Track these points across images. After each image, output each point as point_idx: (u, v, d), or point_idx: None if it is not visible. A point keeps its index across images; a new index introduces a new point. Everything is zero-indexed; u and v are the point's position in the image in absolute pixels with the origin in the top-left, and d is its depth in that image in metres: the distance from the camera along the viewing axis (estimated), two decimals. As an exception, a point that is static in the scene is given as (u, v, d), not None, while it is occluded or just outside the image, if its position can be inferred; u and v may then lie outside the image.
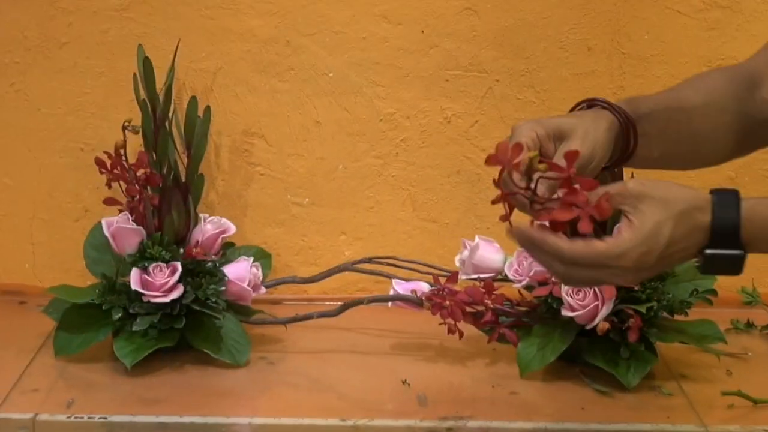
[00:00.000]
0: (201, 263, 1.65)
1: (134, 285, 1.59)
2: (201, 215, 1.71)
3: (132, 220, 1.65)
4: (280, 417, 1.49)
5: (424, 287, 1.67)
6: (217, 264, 1.66)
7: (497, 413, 1.51)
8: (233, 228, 1.71)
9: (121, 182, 1.65)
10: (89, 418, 1.47)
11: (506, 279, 1.66)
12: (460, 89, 1.82)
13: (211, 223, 1.70)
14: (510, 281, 1.65)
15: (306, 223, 1.86)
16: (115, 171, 1.64)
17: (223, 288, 1.64)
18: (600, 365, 1.57)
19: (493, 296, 1.58)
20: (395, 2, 1.79)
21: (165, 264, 1.62)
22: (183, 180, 1.70)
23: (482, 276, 1.65)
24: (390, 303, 1.68)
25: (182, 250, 1.65)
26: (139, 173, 1.65)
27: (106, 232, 1.65)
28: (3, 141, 1.83)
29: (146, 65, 1.66)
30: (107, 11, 1.78)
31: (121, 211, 1.66)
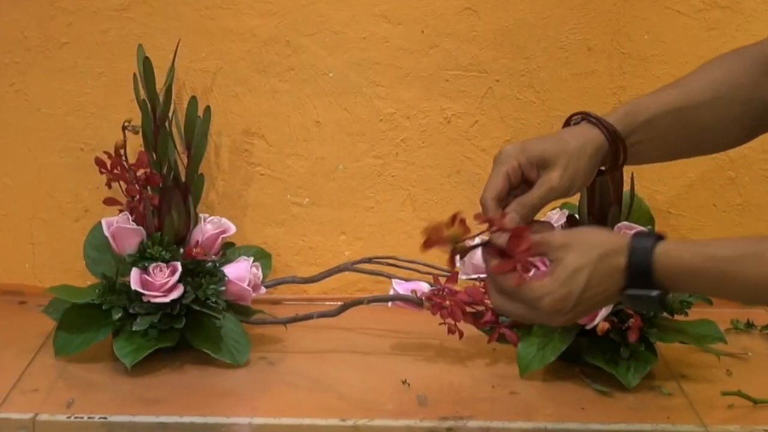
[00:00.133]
0: (201, 263, 1.65)
1: (134, 285, 1.59)
2: (201, 215, 1.71)
3: (132, 220, 1.65)
4: (280, 417, 1.49)
5: (424, 287, 1.67)
6: (217, 264, 1.66)
7: (497, 413, 1.51)
8: (233, 228, 1.71)
9: (121, 182, 1.65)
10: (89, 418, 1.47)
11: (506, 279, 1.66)
12: (460, 89, 1.82)
13: (211, 223, 1.70)
14: (510, 281, 1.65)
15: (306, 223, 1.86)
16: (115, 171, 1.64)
17: (223, 288, 1.64)
18: (600, 365, 1.57)
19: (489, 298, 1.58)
20: (395, 2, 1.79)
21: (165, 264, 1.62)
22: (183, 180, 1.70)
23: (482, 276, 1.65)
24: (390, 303, 1.68)
25: (182, 250, 1.65)
26: (139, 173, 1.65)
27: (106, 232, 1.64)
28: (3, 141, 1.83)
29: (146, 65, 1.66)
30: (107, 11, 1.78)
31: (121, 211, 1.66)
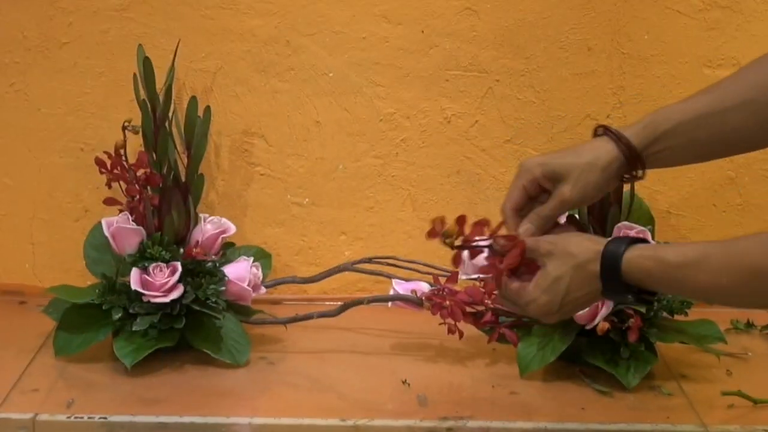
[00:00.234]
0: (201, 263, 1.65)
1: (134, 285, 1.59)
2: (201, 215, 1.71)
3: (132, 220, 1.65)
4: (280, 417, 1.49)
5: (424, 287, 1.67)
6: (217, 264, 1.66)
7: (497, 413, 1.51)
8: (233, 228, 1.71)
9: (121, 182, 1.65)
10: (89, 418, 1.47)
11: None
12: (460, 89, 1.82)
13: (211, 223, 1.70)
14: (510, 281, 1.65)
15: (306, 223, 1.86)
16: (115, 171, 1.64)
17: (223, 288, 1.64)
18: (600, 365, 1.57)
19: (493, 296, 1.58)
20: (395, 2, 1.79)
21: (165, 264, 1.62)
22: (183, 180, 1.70)
23: (482, 276, 1.65)
24: (390, 303, 1.68)
25: (182, 250, 1.65)
26: (139, 173, 1.65)
27: (106, 232, 1.64)
28: (3, 141, 1.83)
29: (146, 65, 1.66)
30: (107, 11, 1.78)
31: (121, 211, 1.66)
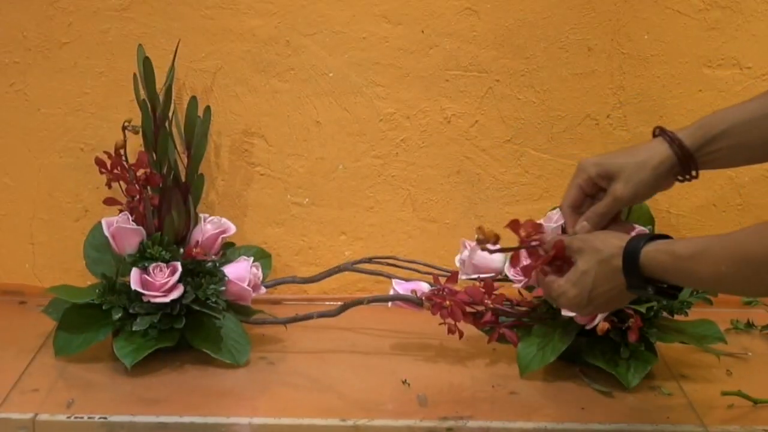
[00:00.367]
0: (201, 263, 1.65)
1: (134, 285, 1.59)
2: (201, 215, 1.71)
3: (132, 220, 1.65)
4: (280, 417, 1.49)
5: (424, 287, 1.67)
6: (217, 264, 1.66)
7: (497, 413, 1.51)
8: (233, 228, 1.71)
9: (121, 182, 1.65)
10: (89, 418, 1.47)
11: (506, 279, 1.66)
12: (460, 89, 1.82)
13: (211, 223, 1.70)
14: (510, 281, 1.65)
15: (306, 223, 1.86)
16: (115, 171, 1.64)
17: (223, 288, 1.64)
18: (600, 365, 1.57)
19: (493, 296, 1.58)
20: (395, 2, 1.79)
21: (165, 264, 1.62)
22: (183, 180, 1.70)
23: (482, 276, 1.65)
24: (390, 303, 1.68)
25: (182, 250, 1.65)
26: (139, 173, 1.65)
27: (106, 232, 1.65)
28: (3, 141, 1.83)
29: (146, 65, 1.66)
30: (107, 11, 1.78)
31: (121, 211, 1.66)
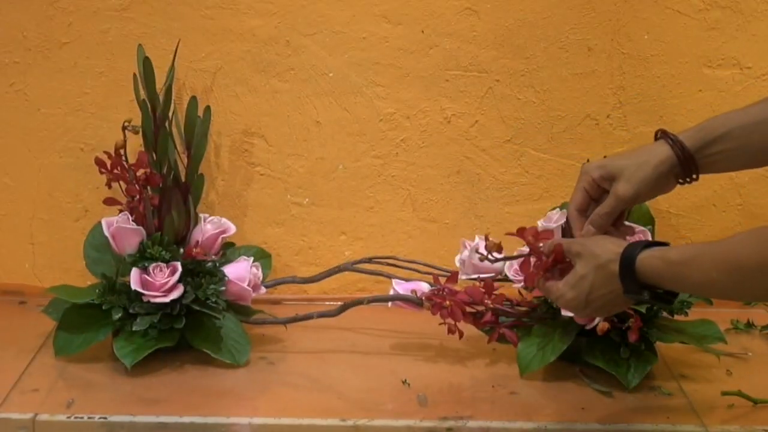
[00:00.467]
0: (201, 263, 1.65)
1: (134, 285, 1.59)
2: (201, 215, 1.71)
3: (132, 220, 1.65)
4: (280, 417, 1.49)
5: (424, 287, 1.67)
6: (217, 264, 1.66)
7: (497, 413, 1.51)
8: (233, 228, 1.71)
9: (121, 182, 1.65)
10: (89, 418, 1.47)
11: (506, 279, 1.66)
12: (460, 89, 1.82)
13: (211, 223, 1.70)
14: (510, 281, 1.65)
15: (306, 223, 1.86)
16: (115, 171, 1.64)
17: (223, 288, 1.64)
18: (600, 365, 1.57)
19: (493, 296, 1.58)
20: (395, 2, 1.79)
21: (165, 264, 1.62)
22: (183, 180, 1.70)
23: (482, 276, 1.65)
24: (390, 303, 1.68)
25: (182, 250, 1.65)
26: (139, 173, 1.65)
27: (106, 232, 1.65)
28: (3, 141, 1.83)
29: (146, 65, 1.66)
30: (107, 11, 1.78)
31: (121, 211, 1.66)
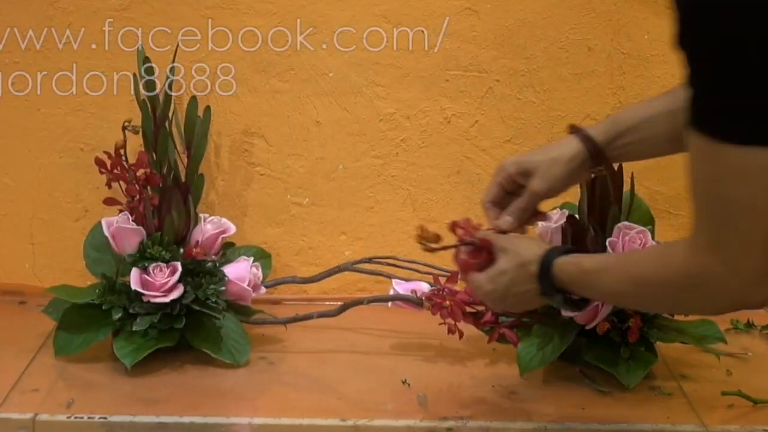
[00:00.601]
0: (201, 263, 1.65)
1: (134, 285, 1.59)
2: (201, 215, 1.71)
3: (132, 220, 1.65)
4: (280, 417, 1.49)
5: (424, 287, 1.67)
6: (217, 264, 1.66)
7: (497, 413, 1.51)
8: (233, 228, 1.71)
9: (121, 182, 1.65)
10: (89, 418, 1.47)
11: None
12: (460, 89, 1.82)
13: (211, 223, 1.70)
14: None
15: (306, 223, 1.86)
16: (115, 171, 1.64)
17: (223, 288, 1.64)
18: (600, 365, 1.57)
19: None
20: (395, 2, 1.79)
21: (165, 264, 1.62)
22: (183, 180, 1.70)
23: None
24: (390, 303, 1.68)
25: (182, 250, 1.65)
26: (139, 173, 1.65)
27: (106, 232, 1.64)
28: (3, 141, 1.83)
29: (146, 65, 1.66)
30: (107, 11, 1.78)
31: (121, 211, 1.66)
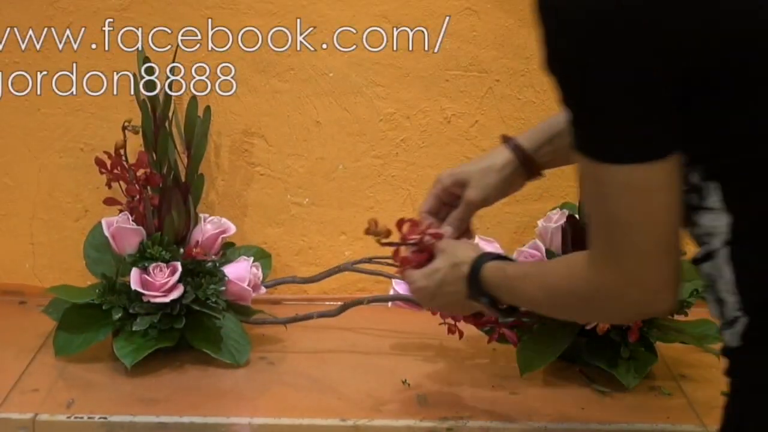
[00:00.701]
0: (201, 263, 1.65)
1: (134, 285, 1.59)
2: (201, 215, 1.71)
3: (132, 220, 1.65)
4: (280, 417, 1.49)
5: (424, 287, 1.67)
6: (217, 264, 1.66)
7: (497, 413, 1.51)
8: (233, 228, 1.71)
9: (121, 182, 1.65)
10: (89, 418, 1.47)
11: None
12: (460, 89, 1.82)
13: (211, 223, 1.70)
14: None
15: (306, 223, 1.86)
16: (115, 171, 1.64)
17: (223, 288, 1.64)
18: (600, 365, 1.57)
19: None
20: (395, 2, 1.79)
21: (165, 264, 1.62)
22: (183, 180, 1.70)
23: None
24: (390, 303, 1.68)
25: (182, 250, 1.65)
26: (139, 173, 1.65)
27: (106, 232, 1.64)
28: (3, 141, 1.83)
29: (146, 65, 1.66)
30: (107, 11, 1.78)
31: (121, 211, 1.66)
